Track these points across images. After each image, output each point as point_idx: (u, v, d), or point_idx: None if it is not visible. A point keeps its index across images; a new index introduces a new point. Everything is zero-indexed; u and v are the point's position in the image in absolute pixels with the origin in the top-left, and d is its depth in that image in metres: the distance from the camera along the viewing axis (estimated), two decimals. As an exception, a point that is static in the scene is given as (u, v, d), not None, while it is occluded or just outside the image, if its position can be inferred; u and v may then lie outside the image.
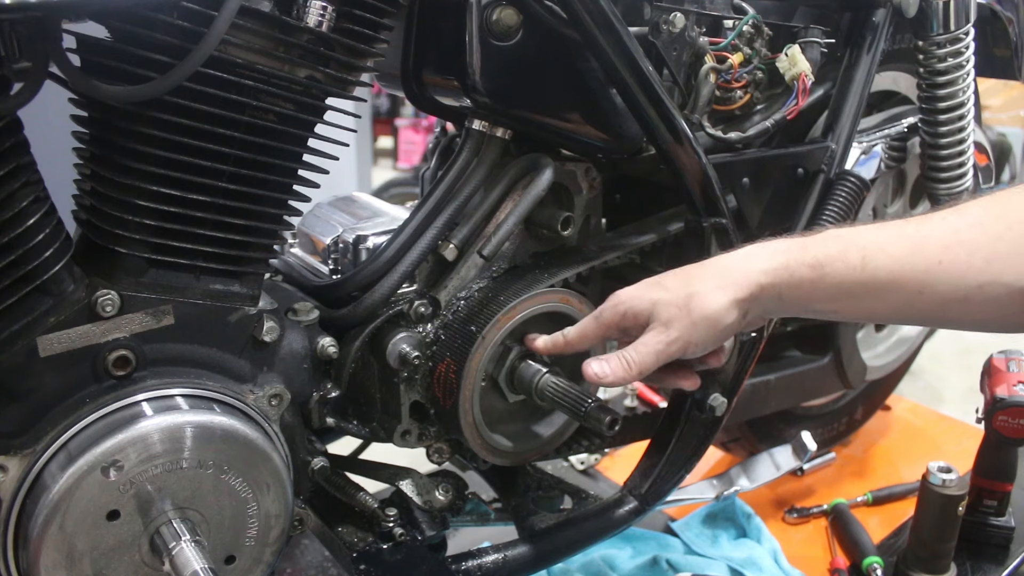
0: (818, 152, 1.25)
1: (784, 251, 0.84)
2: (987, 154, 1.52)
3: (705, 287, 0.85)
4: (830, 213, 1.22)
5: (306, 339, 0.89)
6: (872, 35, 1.28)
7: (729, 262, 0.87)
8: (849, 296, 0.82)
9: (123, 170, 0.74)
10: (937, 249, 0.77)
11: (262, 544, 0.82)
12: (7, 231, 0.68)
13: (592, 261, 1.07)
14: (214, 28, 0.67)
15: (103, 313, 0.74)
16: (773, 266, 0.84)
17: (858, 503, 1.54)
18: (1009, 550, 1.36)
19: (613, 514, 1.12)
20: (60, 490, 0.70)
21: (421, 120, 6.53)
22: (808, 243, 0.84)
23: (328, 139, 0.84)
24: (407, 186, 4.34)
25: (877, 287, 0.80)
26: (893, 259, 0.79)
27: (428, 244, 0.97)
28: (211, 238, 0.78)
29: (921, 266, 0.77)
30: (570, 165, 1.06)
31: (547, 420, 1.09)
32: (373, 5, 0.81)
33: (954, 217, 0.79)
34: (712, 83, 1.10)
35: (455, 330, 0.98)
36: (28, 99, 0.66)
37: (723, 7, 1.12)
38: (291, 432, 0.88)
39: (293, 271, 1.06)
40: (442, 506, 1.04)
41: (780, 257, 0.84)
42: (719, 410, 1.10)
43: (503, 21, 0.90)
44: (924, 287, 0.77)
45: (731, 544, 1.44)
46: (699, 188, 1.04)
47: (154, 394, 0.77)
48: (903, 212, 1.50)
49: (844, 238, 0.83)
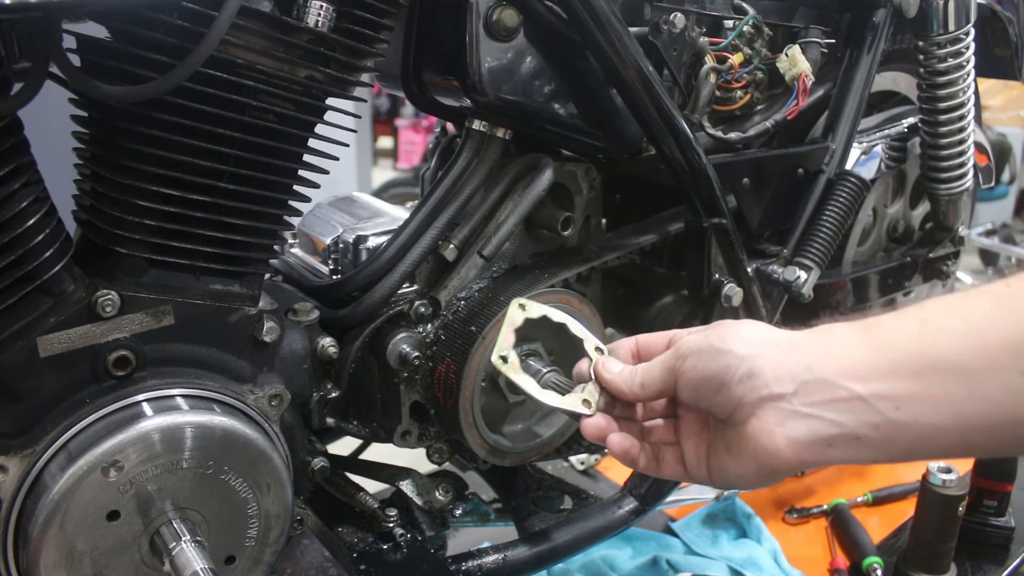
0: (818, 152, 1.25)
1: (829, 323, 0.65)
2: (987, 154, 1.52)
3: (748, 320, 0.68)
4: (830, 213, 1.22)
5: (306, 339, 0.89)
6: (872, 35, 1.28)
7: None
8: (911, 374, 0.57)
9: (123, 170, 0.73)
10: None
11: (262, 544, 0.82)
12: (7, 231, 0.68)
13: (592, 261, 1.07)
14: (214, 28, 0.67)
15: (103, 313, 0.74)
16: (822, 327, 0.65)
17: (858, 503, 1.54)
18: (1009, 550, 1.36)
19: (613, 514, 1.12)
20: (60, 490, 0.70)
21: (421, 120, 6.54)
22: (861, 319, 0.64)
23: (328, 139, 0.84)
24: (407, 186, 4.34)
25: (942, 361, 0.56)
26: (962, 319, 0.57)
27: (428, 244, 0.97)
28: (211, 238, 0.78)
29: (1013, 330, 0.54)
30: (570, 165, 1.06)
31: (547, 420, 1.09)
32: (373, 5, 0.81)
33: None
34: (712, 83, 1.10)
35: (455, 330, 0.98)
36: (28, 99, 0.66)
37: (723, 7, 1.12)
38: (291, 432, 0.88)
39: (293, 271, 1.06)
40: (442, 506, 1.04)
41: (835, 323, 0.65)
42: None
43: (503, 21, 0.90)
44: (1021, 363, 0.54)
45: (731, 544, 1.44)
46: (699, 188, 1.04)
47: (154, 394, 0.77)
48: (903, 212, 1.50)
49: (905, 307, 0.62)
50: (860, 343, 0.61)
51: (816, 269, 1.19)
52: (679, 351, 0.69)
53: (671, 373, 0.69)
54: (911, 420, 0.57)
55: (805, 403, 0.61)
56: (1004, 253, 4.16)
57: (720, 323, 0.69)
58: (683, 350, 0.69)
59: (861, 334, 0.61)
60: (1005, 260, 4.20)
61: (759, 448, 0.63)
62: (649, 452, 0.74)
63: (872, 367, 0.59)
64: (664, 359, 0.71)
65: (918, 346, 0.57)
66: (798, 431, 0.61)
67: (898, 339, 0.59)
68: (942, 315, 0.58)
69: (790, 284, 1.17)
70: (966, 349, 0.55)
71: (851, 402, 0.59)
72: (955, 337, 0.56)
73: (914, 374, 0.57)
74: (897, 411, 0.58)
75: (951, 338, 0.56)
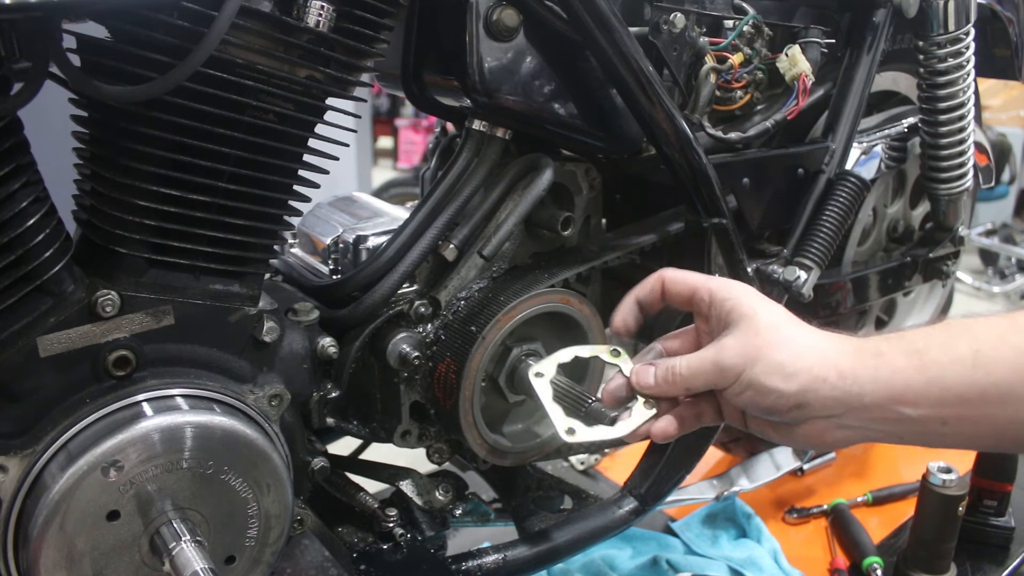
0: (818, 152, 1.25)
1: (887, 338, 0.69)
2: (987, 154, 1.52)
3: (791, 335, 0.71)
4: (830, 213, 1.22)
5: (306, 339, 0.89)
6: (872, 35, 1.28)
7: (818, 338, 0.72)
8: (960, 402, 0.63)
9: (123, 170, 0.73)
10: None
11: (262, 544, 0.82)
12: (7, 231, 0.68)
13: (592, 261, 1.07)
14: (214, 28, 0.67)
15: (103, 313, 0.74)
16: (866, 348, 0.68)
17: (858, 503, 1.54)
18: (1009, 550, 1.36)
19: (613, 514, 1.12)
20: (60, 490, 0.70)
21: (421, 120, 6.54)
22: (911, 332, 0.69)
23: (328, 139, 0.84)
24: (407, 186, 4.34)
25: (994, 390, 0.61)
26: (1014, 350, 0.61)
27: (428, 244, 0.97)
28: (211, 238, 0.78)
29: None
30: (570, 165, 1.06)
31: (547, 420, 1.08)
32: (373, 5, 0.81)
33: None
34: (712, 83, 1.10)
35: (455, 330, 0.98)
36: (28, 99, 0.66)
37: (723, 7, 1.12)
38: (291, 432, 0.88)
39: (293, 271, 1.06)
40: (442, 506, 1.04)
41: (876, 343, 0.69)
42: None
43: (503, 21, 0.90)
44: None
45: (731, 544, 1.44)
46: (699, 188, 1.04)
47: (154, 394, 0.77)
48: (903, 212, 1.50)
49: (952, 326, 0.67)
50: (911, 370, 0.64)
51: (816, 269, 1.19)
52: (720, 372, 0.72)
53: (713, 384, 0.73)
54: (954, 434, 0.63)
55: (855, 419, 0.67)
56: (1004, 253, 4.17)
57: (760, 335, 0.71)
58: (726, 373, 0.71)
59: (912, 360, 0.65)
60: (1005, 260, 4.20)
61: (808, 440, 0.70)
62: (687, 413, 0.78)
63: (923, 394, 0.63)
64: (705, 375, 0.73)
65: (972, 377, 0.62)
66: (848, 436, 0.68)
67: (951, 370, 0.63)
68: (995, 346, 0.62)
69: (790, 284, 1.17)
70: (1016, 380, 0.60)
71: (900, 421, 0.65)
72: (1007, 369, 0.60)
73: (963, 402, 0.62)
74: (943, 426, 0.63)
75: (1003, 369, 0.61)
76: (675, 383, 0.75)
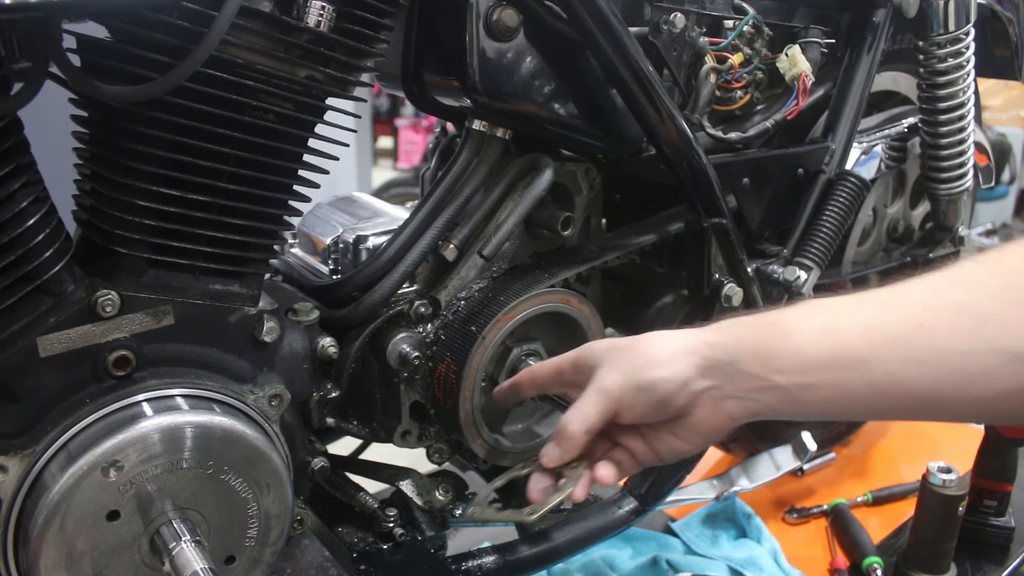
0: (818, 152, 1.25)
1: (741, 317, 0.77)
2: (987, 154, 1.52)
3: (653, 336, 0.78)
4: (830, 213, 1.22)
5: (306, 339, 0.89)
6: (872, 35, 1.28)
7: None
8: (817, 367, 0.69)
9: (123, 170, 0.73)
10: (916, 311, 0.66)
11: (262, 544, 0.82)
12: (7, 231, 0.68)
13: (592, 261, 1.07)
14: (214, 28, 0.67)
15: (103, 313, 0.74)
16: (724, 325, 0.76)
17: (858, 503, 1.54)
18: (1009, 550, 1.36)
19: (613, 514, 1.12)
20: (60, 490, 0.70)
21: (421, 120, 6.54)
22: (765, 312, 0.77)
23: (328, 139, 0.84)
24: (407, 186, 4.34)
25: (844, 355, 0.68)
26: (858, 321, 0.69)
27: (428, 244, 0.97)
28: (211, 238, 0.78)
29: (895, 329, 0.66)
30: (570, 165, 1.06)
31: (547, 420, 1.09)
32: (373, 5, 0.81)
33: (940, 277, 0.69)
34: (712, 83, 1.10)
35: (455, 330, 0.98)
36: (28, 99, 0.66)
37: (723, 7, 1.12)
38: (291, 432, 0.88)
39: (293, 271, 1.06)
40: (442, 506, 1.04)
41: (733, 320, 0.76)
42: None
43: (503, 21, 0.90)
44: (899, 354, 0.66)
45: (731, 544, 1.44)
46: (699, 188, 1.04)
47: (154, 394, 0.77)
48: (903, 212, 1.50)
49: (805, 303, 0.75)
50: (773, 337, 0.72)
51: (816, 269, 1.19)
52: (607, 393, 0.77)
53: (608, 414, 0.77)
54: (816, 399, 0.71)
55: (734, 390, 0.74)
56: (1004, 253, 4.16)
57: (626, 349, 0.78)
58: (612, 392, 0.77)
59: (770, 329, 0.73)
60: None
61: (705, 428, 0.76)
62: (621, 457, 0.82)
63: (788, 361, 0.71)
64: (596, 405, 0.77)
65: (823, 344, 0.70)
66: (733, 409, 0.74)
67: (807, 337, 0.71)
68: (842, 315, 0.71)
69: (790, 284, 1.17)
70: (863, 346, 0.68)
71: (773, 389, 0.72)
72: (855, 337, 0.68)
73: (819, 367, 0.69)
74: (806, 392, 0.71)
75: (852, 337, 0.69)
76: (572, 432, 0.78)
